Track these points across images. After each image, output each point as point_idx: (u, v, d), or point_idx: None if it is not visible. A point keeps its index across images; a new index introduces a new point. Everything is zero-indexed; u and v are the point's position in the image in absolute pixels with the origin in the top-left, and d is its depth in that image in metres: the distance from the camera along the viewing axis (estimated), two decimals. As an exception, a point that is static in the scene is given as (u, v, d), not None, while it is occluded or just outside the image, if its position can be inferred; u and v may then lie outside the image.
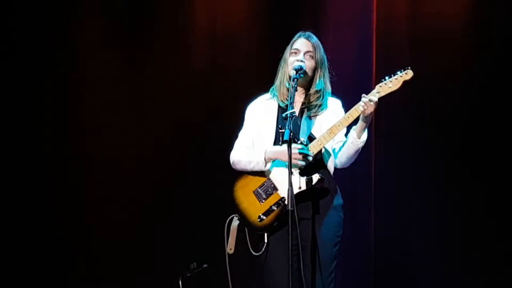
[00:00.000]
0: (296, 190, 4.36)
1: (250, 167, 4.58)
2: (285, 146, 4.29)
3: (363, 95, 4.43)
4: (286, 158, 4.32)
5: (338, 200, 4.58)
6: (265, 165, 4.54)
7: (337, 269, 4.57)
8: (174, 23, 6.79)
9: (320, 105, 4.62)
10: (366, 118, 4.44)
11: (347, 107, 4.56)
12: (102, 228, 6.60)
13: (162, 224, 6.56)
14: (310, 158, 4.42)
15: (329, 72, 4.70)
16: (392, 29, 6.37)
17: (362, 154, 4.61)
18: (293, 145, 4.31)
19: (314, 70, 4.64)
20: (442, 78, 6.24)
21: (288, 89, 4.59)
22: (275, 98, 4.70)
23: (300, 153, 4.38)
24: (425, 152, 6.30)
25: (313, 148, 4.45)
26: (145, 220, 6.60)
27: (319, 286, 4.44)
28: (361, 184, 6.31)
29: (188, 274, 5.77)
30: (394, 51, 6.30)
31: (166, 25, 6.79)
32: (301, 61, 4.58)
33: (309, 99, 4.64)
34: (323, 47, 4.69)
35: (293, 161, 4.32)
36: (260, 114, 4.70)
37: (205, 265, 5.79)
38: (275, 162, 4.55)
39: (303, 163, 4.40)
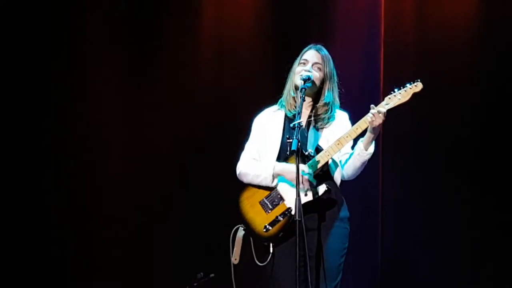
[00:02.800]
0: (303, 199, 4.33)
1: (257, 181, 4.57)
2: (291, 165, 4.35)
3: (372, 106, 4.43)
4: (290, 176, 4.39)
5: (344, 212, 4.57)
6: (273, 181, 4.54)
7: (345, 280, 4.56)
8: (180, 36, 6.80)
9: (328, 118, 4.62)
10: (374, 130, 4.42)
11: (354, 119, 4.56)
12: (103, 235, 6.63)
13: (165, 233, 6.56)
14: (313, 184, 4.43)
15: (338, 88, 4.70)
16: (399, 41, 6.38)
17: (370, 164, 4.59)
18: (301, 166, 4.29)
19: (322, 82, 4.63)
20: (450, 89, 6.24)
21: (295, 99, 4.59)
22: (282, 109, 4.70)
23: (305, 176, 4.38)
24: (432, 163, 6.30)
25: (320, 159, 4.44)
26: (147, 230, 6.61)
27: (326, 296, 4.44)
28: (369, 194, 6.31)
29: (195, 284, 5.77)
30: (402, 63, 6.31)
31: (172, 37, 6.80)
32: (309, 71, 4.58)
33: (317, 112, 4.64)
34: (333, 61, 4.69)
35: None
36: (267, 125, 4.70)
37: (212, 275, 5.79)
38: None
39: (304, 187, 4.38)
